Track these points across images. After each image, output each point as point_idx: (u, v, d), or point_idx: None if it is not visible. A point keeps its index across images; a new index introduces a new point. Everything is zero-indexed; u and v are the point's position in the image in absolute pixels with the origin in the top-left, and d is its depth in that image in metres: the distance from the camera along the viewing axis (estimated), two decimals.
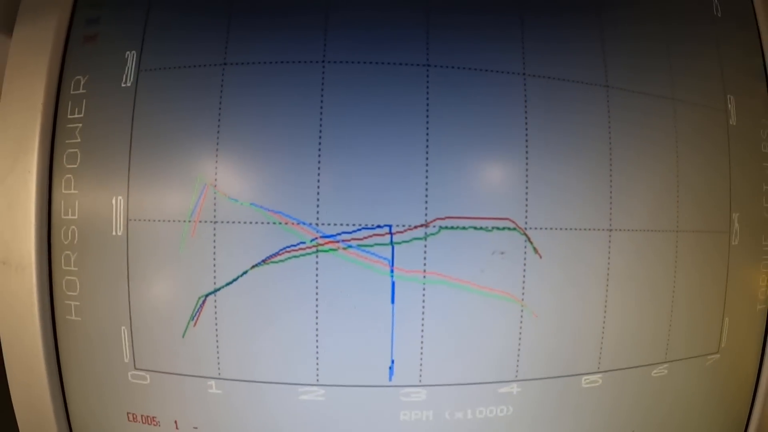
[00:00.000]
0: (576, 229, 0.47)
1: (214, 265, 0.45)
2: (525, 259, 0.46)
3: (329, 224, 0.44)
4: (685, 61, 0.53)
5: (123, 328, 0.47)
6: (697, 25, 0.55)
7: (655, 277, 0.51)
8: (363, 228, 0.44)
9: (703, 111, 0.54)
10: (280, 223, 0.44)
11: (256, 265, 0.44)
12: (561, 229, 0.47)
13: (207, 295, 0.45)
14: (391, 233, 0.44)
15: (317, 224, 0.44)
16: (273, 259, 0.44)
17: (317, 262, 0.44)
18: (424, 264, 0.45)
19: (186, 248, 0.45)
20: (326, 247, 0.44)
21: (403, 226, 0.44)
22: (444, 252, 0.45)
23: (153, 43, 0.47)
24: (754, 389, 0.58)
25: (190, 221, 0.45)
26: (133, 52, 0.47)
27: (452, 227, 0.45)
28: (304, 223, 0.44)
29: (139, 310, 0.47)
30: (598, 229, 0.48)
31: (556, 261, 0.46)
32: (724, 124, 0.55)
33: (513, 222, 0.45)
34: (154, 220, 0.46)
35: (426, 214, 0.45)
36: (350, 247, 0.44)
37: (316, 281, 0.44)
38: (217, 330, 0.46)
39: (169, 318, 0.46)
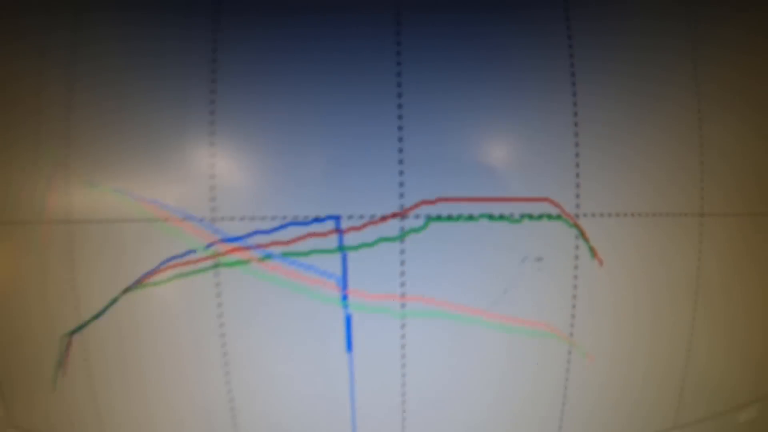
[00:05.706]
0: (651, 215, 0.27)
1: (75, 289, 0.29)
2: (576, 268, 0.26)
3: (234, 219, 0.26)
4: None
5: None
6: None
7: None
8: (291, 223, 0.26)
9: None
10: (157, 220, 0.27)
11: (128, 289, 0.28)
12: (629, 215, 0.26)
13: (72, 333, 0.30)
14: (339, 230, 0.26)
15: (213, 220, 0.27)
16: (151, 279, 0.27)
17: (218, 284, 0.27)
18: (402, 283, 0.26)
19: (39, 266, 0.30)
20: (231, 257, 0.26)
21: (361, 217, 0.26)
22: (436, 260, 0.26)
23: None
24: None
25: (40, 222, 0.29)
26: None
27: (448, 217, 0.26)
28: (192, 219, 0.27)
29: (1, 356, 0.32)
30: (685, 214, 0.27)
31: (623, 269, 0.27)
32: None
33: (555, 205, 0.26)
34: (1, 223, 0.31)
35: (402, 195, 0.26)
36: (270, 257, 0.26)
37: (220, 315, 0.27)
38: (92, 379, 0.30)
39: (33, 366, 0.31)
